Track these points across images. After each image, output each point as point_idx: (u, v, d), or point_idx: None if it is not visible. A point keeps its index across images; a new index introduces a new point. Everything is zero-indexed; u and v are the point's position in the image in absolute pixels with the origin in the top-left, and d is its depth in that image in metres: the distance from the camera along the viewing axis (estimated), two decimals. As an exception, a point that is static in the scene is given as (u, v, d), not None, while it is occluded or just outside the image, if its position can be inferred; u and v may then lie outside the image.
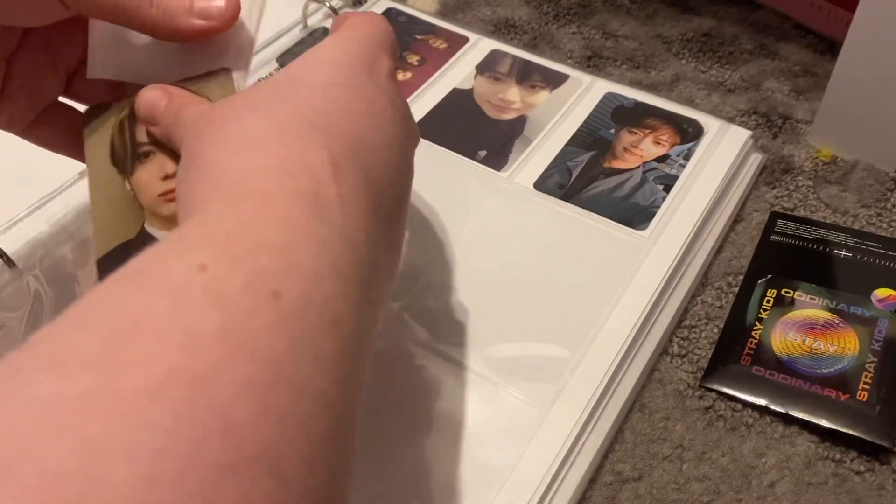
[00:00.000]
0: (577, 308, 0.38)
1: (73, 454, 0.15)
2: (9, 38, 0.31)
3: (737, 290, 0.41)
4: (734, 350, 0.38)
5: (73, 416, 0.15)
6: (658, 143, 0.46)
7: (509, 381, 0.36)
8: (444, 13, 0.58)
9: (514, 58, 0.52)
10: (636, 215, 0.42)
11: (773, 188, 0.46)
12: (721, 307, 0.40)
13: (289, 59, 0.52)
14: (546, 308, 0.38)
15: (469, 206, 0.43)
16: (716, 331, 0.39)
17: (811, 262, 0.41)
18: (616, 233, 0.41)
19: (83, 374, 0.16)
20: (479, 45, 0.53)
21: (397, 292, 0.39)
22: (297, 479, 0.17)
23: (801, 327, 0.38)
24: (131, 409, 0.16)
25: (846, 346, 0.37)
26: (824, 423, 0.35)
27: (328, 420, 0.19)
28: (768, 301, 0.39)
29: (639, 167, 0.45)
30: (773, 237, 0.43)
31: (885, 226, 0.43)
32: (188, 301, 0.18)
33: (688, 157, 0.45)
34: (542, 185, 0.44)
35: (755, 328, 0.38)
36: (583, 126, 0.47)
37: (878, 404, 0.35)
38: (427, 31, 0.54)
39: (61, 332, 0.18)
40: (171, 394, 0.16)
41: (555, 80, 0.50)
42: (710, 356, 0.38)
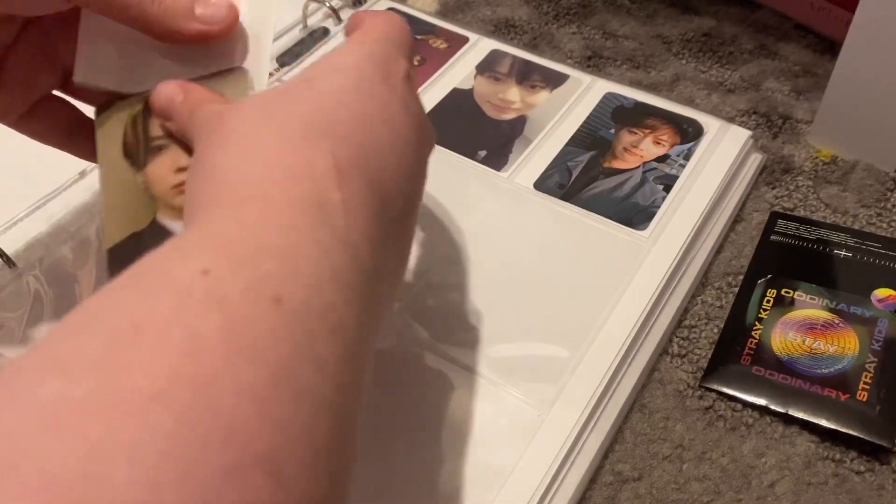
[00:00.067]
0: (577, 308, 0.38)
1: (75, 456, 0.15)
2: (7, 30, 0.31)
3: (737, 290, 0.41)
4: (734, 350, 0.38)
5: (76, 418, 0.16)
6: (658, 143, 0.46)
7: (509, 381, 0.36)
8: (444, 13, 0.58)
9: (514, 58, 0.52)
10: (636, 215, 0.42)
11: (773, 188, 0.46)
12: (721, 307, 0.40)
13: (289, 59, 0.52)
14: (546, 308, 0.38)
15: (469, 206, 0.43)
16: (716, 331, 0.39)
17: (811, 262, 0.41)
18: (616, 233, 0.41)
19: (86, 377, 0.16)
20: (479, 45, 0.53)
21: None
22: (298, 483, 0.17)
23: (801, 327, 0.38)
24: (133, 411, 0.16)
25: (846, 346, 0.37)
26: (824, 423, 0.35)
27: (329, 424, 0.19)
28: (768, 301, 0.39)
29: (639, 167, 0.45)
30: (773, 237, 0.43)
31: (885, 226, 0.43)
32: (190, 305, 0.18)
33: (688, 157, 0.45)
34: (542, 185, 0.44)
35: (755, 328, 0.38)
36: (583, 126, 0.47)
37: (878, 404, 0.35)
38: (427, 31, 0.54)
39: (64, 336, 0.18)
40: (173, 397, 0.16)
41: (555, 80, 0.50)
42: (710, 356, 0.38)
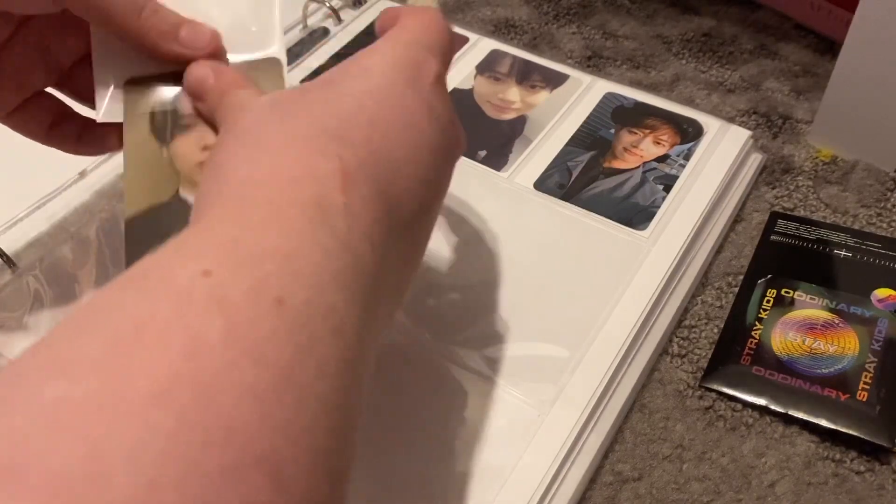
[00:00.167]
0: (577, 308, 0.38)
1: (76, 456, 0.15)
2: (2, 28, 0.32)
3: (737, 290, 0.41)
4: (734, 350, 0.38)
5: (78, 419, 0.16)
6: (658, 143, 0.46)
7: (509, 381, 0.36)
8: (444, 13, 0.57)
9: (514, 58, 0.52)
10: (636, 215, 0.42)
11: (773, 188, 0.46)
12: (721, 307, 0.40)
13: (289, 59, 0.52)
14: (546, 308, 0.38)
15: (469, 206, 0.43)
16: (716, 331, 0.39)
17: (811, 262, 0.41)
18: (616, 233, 0.41)
19: (87, 378, 0.16)
20: (479, 45, 0.53)
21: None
22: (298, 484, 0.17)
23: (801, 327, 0.38)
24: (134, 411, 0.16)
25: (846, 346, 0.37)
26: (824, 423, 0.35)
27: (329, 425, 0.19)
28: (768, 301, 0.39)
29: (639, 167, 0.45)
30: (773, 237, 0.43)
31: (885, 226, 0.43)
32: (192, 306, 0.18)
33: (688, 157, 0.45)
34: (542, 185, 0.44)
35: (755, 328, 0.38)
36: (583, 126, 0.47)
37: (878, 404, 0.35)
38: (427, 31, 0.54)
39: (66, 336, 0.18)
40: (173, 398, 0.16)
41: (555, 80, 0.50)
42: (710, 356, 0.38)
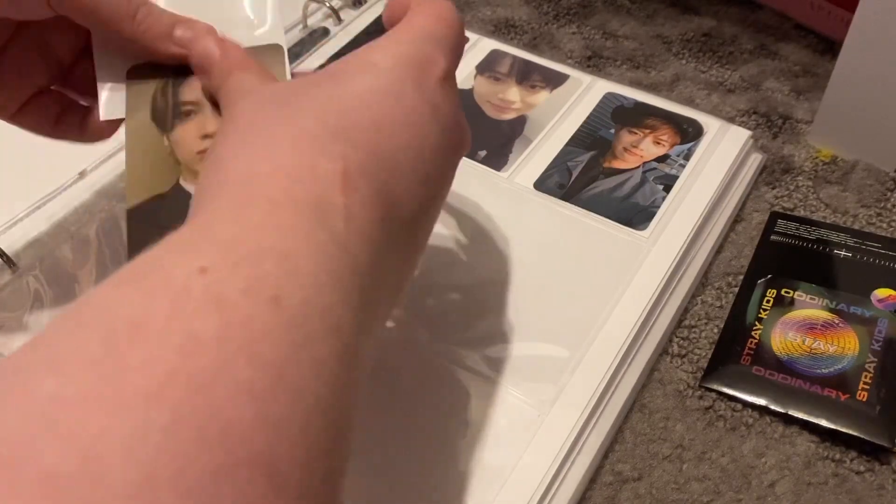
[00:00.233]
0: (577, 308, 0.38)
1: (72, 454, 0.15)
2: (3, 28, 0.32)
3: (737, 290, 0.41)
4: (734, 350, 0.38)
5: (73, 416, 0.16)
6: (658, 143, 0.46)
7: (509, 381, 0.36)
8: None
9: (514, 58, 0.52)
10: (636, 215, 0.42)
11: (773, 188, 0.46)
12: (721, 307, 0.40)
13: (289, 59, 0.52)
14: (546, 308, 0.38)
15: (469, 206, 0.43)
16: (716, 331, 0.39)
17: (811, 262, 0.41)
18: (616, 233, 0.41)
19: (83, 375, 0.16)
20: (479, 45, 0.53)
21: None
22: (294, 482, 0.17)
23: (801, 327, 0.38)
24: (130, 409, 0.16)
25: (846, 346, 0.37)
26: (824, 423, 0.35)
27: (324, 424, 0.19)
28: (768, 301, 0.39)
29: (639, 167, 0.45)
30: (773, 237, 0.43)
31: (885, 226, 0.43)
32: (188, 304, 0.18)
33: (688, 157, 0.45)
34: (542, 185, 0.44)
35: (755, 328, 0.38)
36: (583, 126, 0.47)
37: (878, 404, 0.35)
38: (427, 31, 0.54)
39: (61, 333, 0.18)
40: (169, 395, 0.16)
41: (555, 80, 0.50)
42: (710, 356, 0.38)
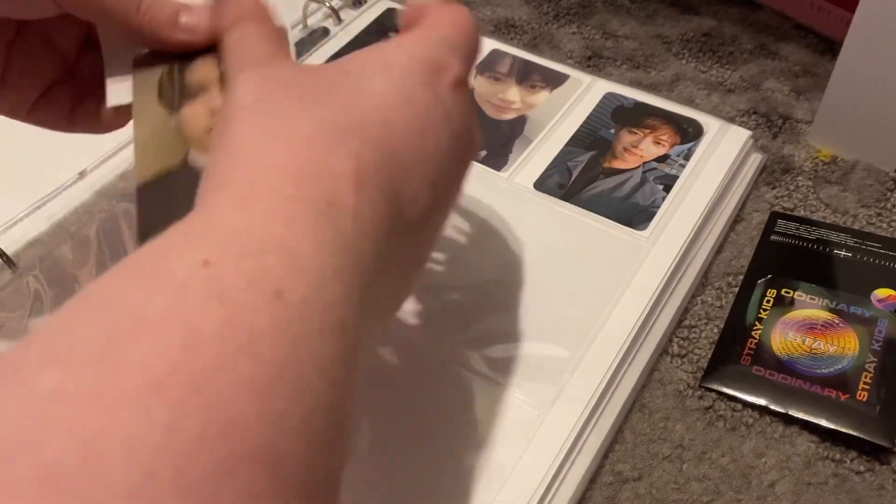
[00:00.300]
0: (577, 308, 0.38)
1: (72, 449, 0.15)
2: (7, 28, 0.32)
3: (737, 290, 0.41)
4: (734, 350, 0.38)
5: (73, 412, 0.16)
6: (658, 143, 0.46)
7: (509, 380, 0.36)
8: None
9: (514, 58, 0.52)
10: (636, 215, 0.42)
11: (773, 188, 0.46)
12: (721, 307, 0.40)
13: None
14: (546, 308, 0.38)
15: (469, 206, 0.43)
16: (716, 331, 0.39)
17: (811, 262, 0.41)
18: (616, 233, 0.41)
19: (83, 370, 0.16)
20: (479, 45, 0.53)
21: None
22: (295, 478, 0.17)
23: (801, 327, 0.38)
24: (130, 404, 0.16)
25: (846, 346, 0.37)
26: (824, 423, 0.35)
27: (325, 421, 0.19)
28: (768, 301, 0.39)
29: (639, 167, 0.45)
30: (773, 237, 0.43)
31: (885, 226, 0.43)
32: (190, 298, 0.18)
33: (688, 157, 0.45)
34: (542, 185, 0.44)
35: (755, 328, 0.38)
36: (583, 126, 0.47)
37: (878, 404, 0.35)
38: (427, 31, 0.54)
39: (61, 327, 0.18)
40: (170, 390, 0.16)
41: (555, 80, 0.50)
42: (710, 356, 0.38)
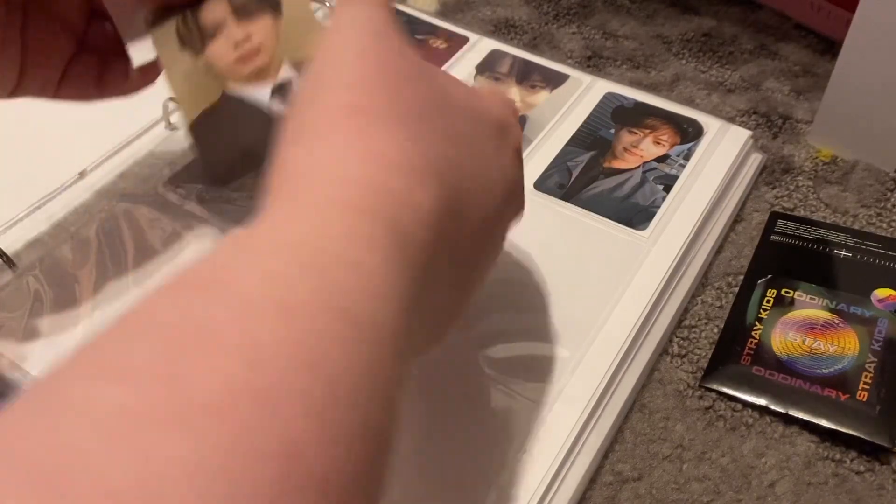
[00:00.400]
0: (577, 308, 0.38)
1: (132, 470, 0.15)
2: (14, 12, 0.32)
3: (737, 290, 0.41)
4: (734, 350, 0.38)
5: (137, 431, 0.15)
6: (658, 143, 0.46)
7: (509, 381, 0.36)
8: (444, 13, 0.58)
9: (514, 58, 0.52)
10: (636, 215, 0.42)
11: (773, 188, 0.46)
12: (721, 307, 0.40)
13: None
14: (546, 308, 0.38)
15: (469, 206, 0.43)
16: (716, 331, 0.39)
17: (811, 262, 0.41)
18: (616, 233, 0.41)
19: (147, 388, 0.16)
20: (479, 46, 0.53)
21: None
22: (348, 499, 0.17)
23: (801, 327, 0.38)
24: (193, 426, 0.16)
25: (846, 346, 0.37)
26: (824, 423, 0.35)
27: (377, 443, 0.19)
28: (768, 301, 0.39)
29: (639, 167, 0.45)
30: (773, 237, 0.43)
31: (885, 226, 0.43)
32: (253, 312, 0.18)
33: (688, 157, 0.45)
34: (542, 185, 0.44)
35: (755, 328, 0.38)
36: (583, 126, 0.47)
37: (878, 404, 0.35)
38: (427, 31, 0.54)
39: (121, 339, 0.17)
40: (233, 412, 0.16)
41: (555, 80, 0.50)
42: (710, 356, 0.38)
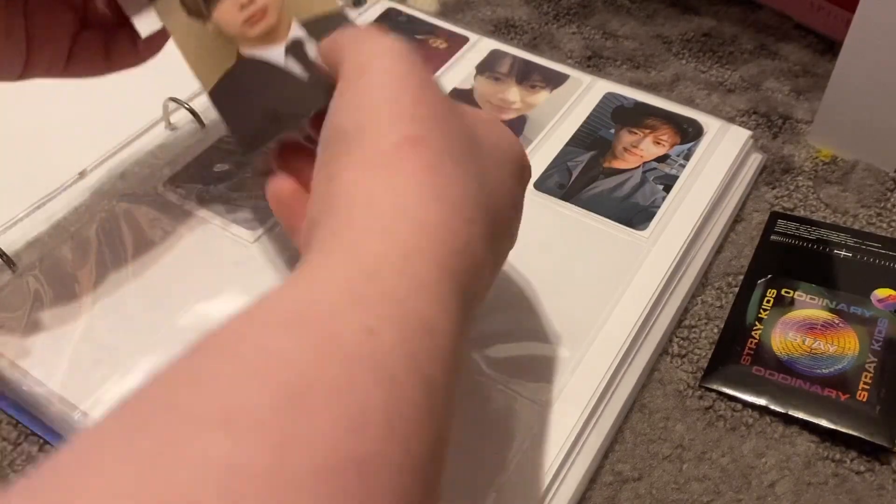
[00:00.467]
0: (577, 308, 0.38)
1: None
2: None
3: (737, 290, 0.41)
4: (734, 350, 0.38)
5: (242, 491, 0.15)
6: (658, 143, 0.46)
7: (509, 381, 0.36)
8: (444, 13, 0.58)
9: (514, 58, 0.52)
10: (636, 215, 0.42)
11: (773, 188, 0.46)
12: (721, 307, 0.40)
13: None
14: (546, 308, 0.38)
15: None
16: (716, 331, 0.39)
17: (811, 262, 0.41)
18: (616, 233, 0.41)
19: (254, 442, 0.16)
20: (479, 46, 0.53)
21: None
22: None
23: (801, 327, 0.38)
24: (299, 490, 0.16)
25: (846, 346, 0.37)
26: (824, 423, 0.35)
27: (429, 499, 0.20)
28: (768, 301, 0.39)
29: (639, 167, 0.45)
30: (773, 237, 0.43)
31: (885, 226, 0.43)
32: (359, 374, 0.18)
33: (688, 157, 0.45)
34: (542, 185, 0.44)
35: (755, 328, 0.38)
36: (583, 126, 0.47)
37: (878, 404, 0.35)
38: (427, 31, 0.54)
39: (231, 379, 0.18)
40: (336, 478, 0.16)
41: (555, 80, 0.50)
42: (710, 356, 0.38)
